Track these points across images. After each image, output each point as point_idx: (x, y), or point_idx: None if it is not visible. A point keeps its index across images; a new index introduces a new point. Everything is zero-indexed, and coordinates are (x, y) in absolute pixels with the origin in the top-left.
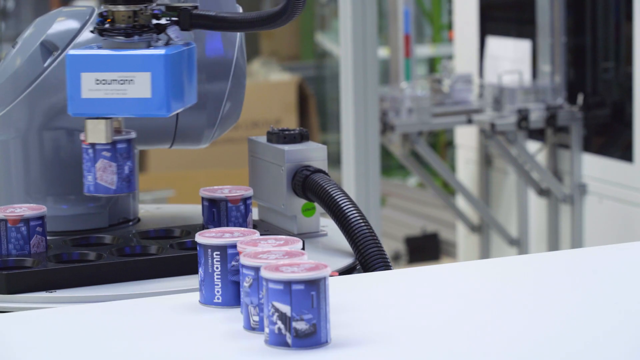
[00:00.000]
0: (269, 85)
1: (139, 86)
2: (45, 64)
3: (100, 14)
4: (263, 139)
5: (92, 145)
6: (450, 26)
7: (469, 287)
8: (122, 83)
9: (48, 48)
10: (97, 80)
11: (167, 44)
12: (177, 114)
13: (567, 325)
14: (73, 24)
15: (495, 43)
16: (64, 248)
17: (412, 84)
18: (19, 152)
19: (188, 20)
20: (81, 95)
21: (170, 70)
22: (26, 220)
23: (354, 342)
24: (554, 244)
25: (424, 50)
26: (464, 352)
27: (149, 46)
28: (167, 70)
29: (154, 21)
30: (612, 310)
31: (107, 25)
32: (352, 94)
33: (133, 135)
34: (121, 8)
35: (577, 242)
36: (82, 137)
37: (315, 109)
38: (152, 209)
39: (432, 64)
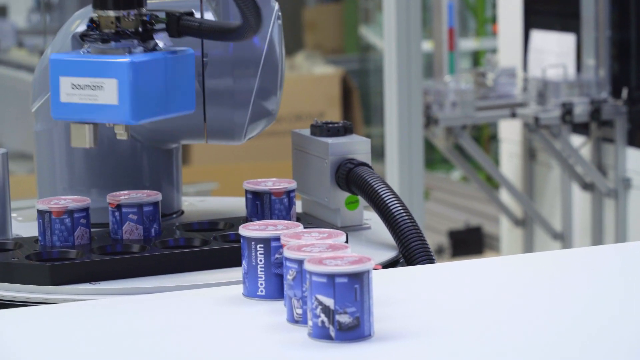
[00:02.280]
0: (313, 78)
1: (107, 93)
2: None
3: (91, 19)
4: (307, 132)
5: (119, 207)
6: (494, 19)
7: (512, 281)
8: (93, 89)
9: (78, 41)
10: (73, 85)
11: (152, 50)
12: (205, 111)
13: (612, 321)
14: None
15: (539, 36)
16: (108, 240)
17: (456, 77)
18: (62, 143)
19: (175, 27)
20: (60, 99)
21: (140, 77)
22: (70, 212)
23: (397, 335)
24: (597, 238)
25: (468, 44)
26: (507, 346)
27: (129, 52)
28: (133, 78)
29: (142, 28)
30: None
31: (91, 31)
32: (396, 88)
33: (159, 197)
34: (103, 14)
35: (621, 236)
36: None
37: (359, 102)
38: (195, 201)
39: (476, 57)
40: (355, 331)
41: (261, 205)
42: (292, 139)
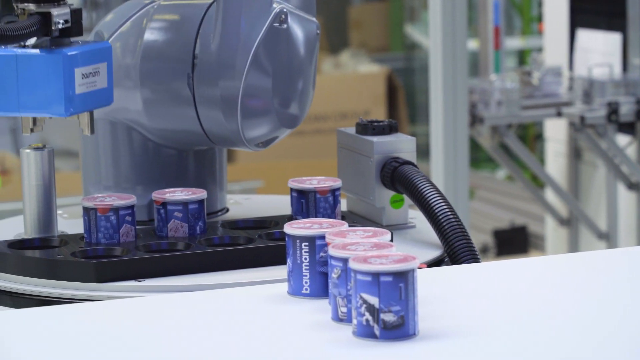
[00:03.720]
0: (358, 76)
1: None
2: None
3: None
4: (352, 130)
5: (164, 205)
6: (540, 18)
7: (557, 281)
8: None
9: (101, 37)
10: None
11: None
12: (198, 116)
13: None
14: (122, 15)
15: (585, 35)
16: (153, 237)
17: (501, 76)
18: (107, 141)
19: None
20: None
21: None
22: (116, 210)
23: (441, 334)
24: None
25: (513, 43)
26: (552, 346)
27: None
28: None
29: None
30: None
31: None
32: (441, 86)
33: (204, 195)
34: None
35: None
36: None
37: (404, 100)
38: (240, 199)
39: (522, 56)
40: (399, 330)
41: (306, 203)
42: (337, 137)
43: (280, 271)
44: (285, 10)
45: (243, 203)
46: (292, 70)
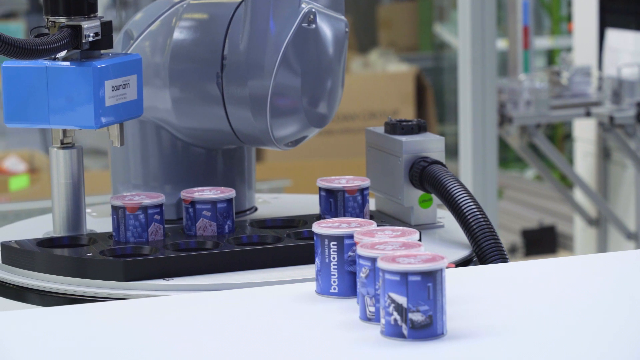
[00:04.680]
0: (387, 76)
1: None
2: (123, 52)
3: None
4: (381, 129)
5: (192, 204)
6: (569, 18)
7: (585, 281)
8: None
9: (130, 36)
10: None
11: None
12: (227, 116)
13: None
14: (152, 14)
15: (614, 35)
16: (181, 236)
17: (530, 76)
18: (136, 140)
19: None
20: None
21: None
22: (144, 208)
23: (470, 334)
24: None
25: (542, 42)
26: (580, 346)
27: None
28: (4, 82)
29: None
30: None
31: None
32: (470, 86)
33: (233, 194)
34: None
35: None
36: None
37: (432, 100)
38: (269, 198)
39: (551, 56)
40: (427, 329)
41: (335, 202)
42: (365, 137)
43: (308, 270)
44: (313, 10)
45: (271, 202)
46: (320, 70)
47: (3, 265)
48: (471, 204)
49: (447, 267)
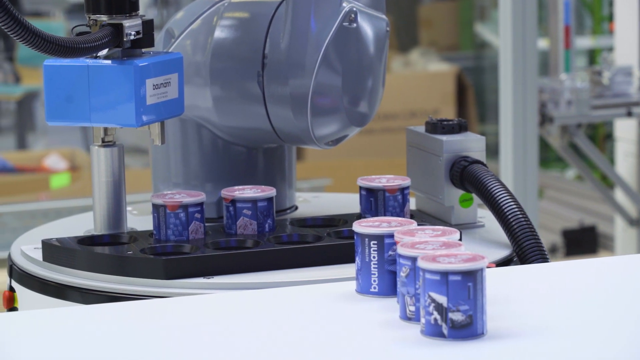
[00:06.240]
0: (428, 75)
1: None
2: (165, 51)
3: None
4: (421, 129)
5: (233, 202)
6: (611, 18)
7: (626, 282)
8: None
9: (171, 34)
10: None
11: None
12: (268, 114)
13: None
14: (193, 13)
15: None
16: (222, 235)
17: (571, 75)
18: (177, 138)
19: None
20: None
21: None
22: (185, 207)
23: (510, 334)
24: None
25: (584, 42)
26: (621, 347)
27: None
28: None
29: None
30: None
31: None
32: (511, 85)
33: (273, 193)
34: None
35: None
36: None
37: (473, 99)
38: (309, 197)
39: (592, 55)
40: (468, 329)
41: (375, 201)
42: (406, 136)
43: (348, 269)
44: (354, 9)
45: (312, 201)
46: (361, 69)
47: (44, 263)
48: (512, 203)
49: (488, 267)
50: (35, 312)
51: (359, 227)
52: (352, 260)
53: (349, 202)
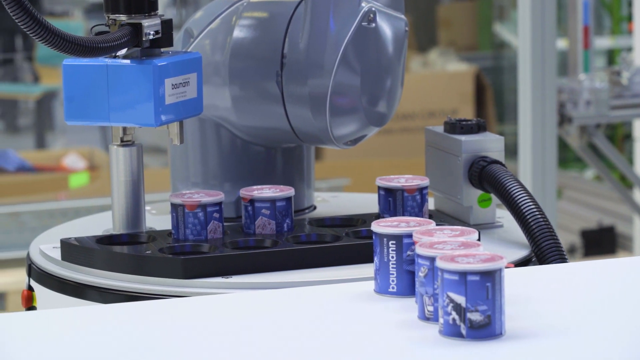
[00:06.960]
0: (446, 75)
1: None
2: (183, 50)
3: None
4: (440, 129)
5: (252, 202)
6: (630, 18)
7: None
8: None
9: (190, 34)
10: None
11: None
12: (287, 114)
13: None
14: (212, 13)
15: None
16: (240, 234)
17: (590, 75)
18: (196, 137)
19: None
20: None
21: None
22: (203, 206)
23: (528, 334)
24: None
25: (603, 42)
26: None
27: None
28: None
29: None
30: None
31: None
32: (530, 85)
33: (292, 192)
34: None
35: None
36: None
37: (492, 99)
38: (328, 197)
39: (611, 55)
40: (486, 329)
41: (393, 201)
42: (425, 136)
43: (367, 269)
44: (373, 9)
45: (330, 201)
46: (380, 69)
47: (63, 262)
48: (530, 204)
49: (506, 267)
50: (54, 312)
51: (377, 227)
52: (371, 260)
53: (368, 202)
